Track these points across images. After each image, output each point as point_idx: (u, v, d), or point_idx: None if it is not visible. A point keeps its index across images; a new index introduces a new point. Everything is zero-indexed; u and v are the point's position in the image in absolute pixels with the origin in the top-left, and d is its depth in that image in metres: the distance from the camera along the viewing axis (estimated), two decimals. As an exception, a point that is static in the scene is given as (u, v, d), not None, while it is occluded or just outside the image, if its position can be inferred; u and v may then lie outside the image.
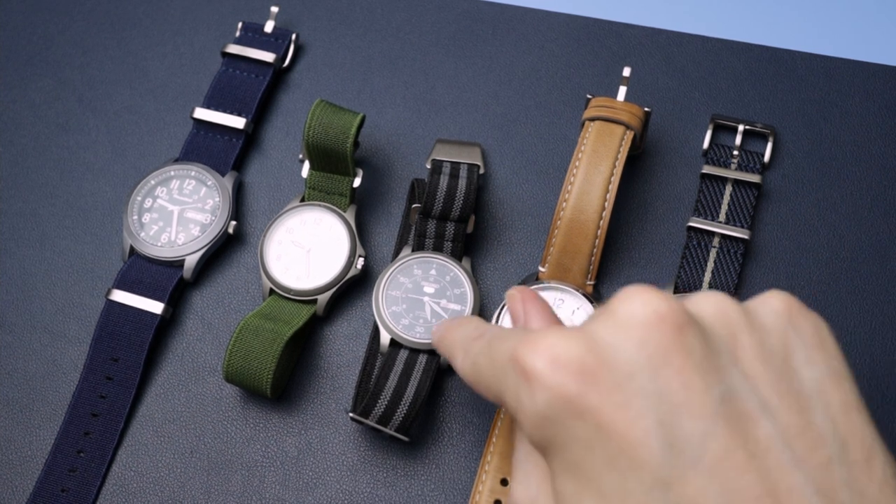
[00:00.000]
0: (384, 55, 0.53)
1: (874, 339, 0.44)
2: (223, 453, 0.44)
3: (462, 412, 0.44)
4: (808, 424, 0.26)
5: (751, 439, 0.25)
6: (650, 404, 0.25)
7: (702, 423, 0.25)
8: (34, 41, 0.55)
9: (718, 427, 0.25)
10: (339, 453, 0.44)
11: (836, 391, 0.27)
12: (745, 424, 0.26)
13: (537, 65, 0.52)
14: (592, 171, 0.43)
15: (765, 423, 0.26)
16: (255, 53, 0.51)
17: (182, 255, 0.47)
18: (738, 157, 0.48)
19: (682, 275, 0.45)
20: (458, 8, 0.54)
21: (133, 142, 0.52)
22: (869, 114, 0.49)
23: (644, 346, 0.26)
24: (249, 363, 0.43)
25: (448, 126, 0.51)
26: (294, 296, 0.45)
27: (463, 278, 0.45)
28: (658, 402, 0.26)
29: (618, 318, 0.27)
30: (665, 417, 0.25)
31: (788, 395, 0.27)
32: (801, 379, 0.27)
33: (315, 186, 0.47)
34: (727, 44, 0.51)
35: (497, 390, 0.30)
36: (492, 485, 0.41)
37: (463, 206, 0.45)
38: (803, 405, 0.27)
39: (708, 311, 0.28)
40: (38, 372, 0.46)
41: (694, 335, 0.27)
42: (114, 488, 0.44)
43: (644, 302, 0.27)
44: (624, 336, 0.27)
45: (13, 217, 0.50)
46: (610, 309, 0.28)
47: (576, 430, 0.26)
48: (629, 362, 0.26)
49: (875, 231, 0.46)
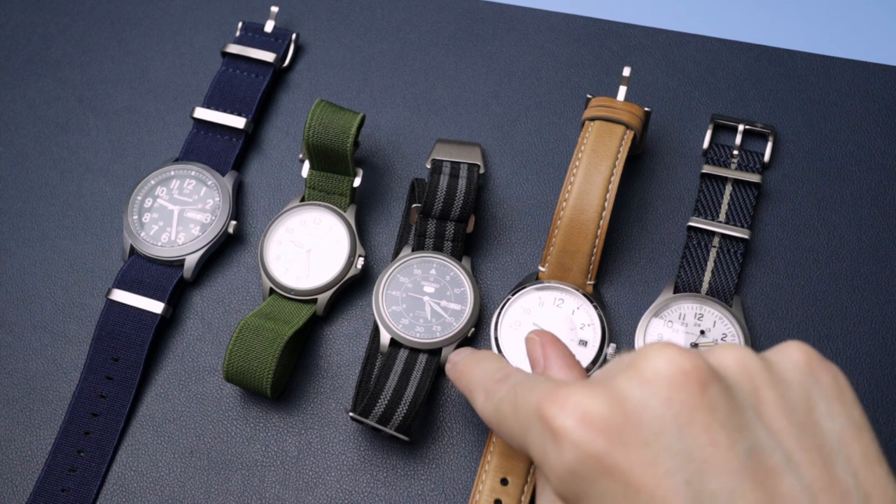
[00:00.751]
0: (384, 55, 0.53)
1: (874, 339, 0.44)
2: (223, 453, 0.44)
3: (462, 412, 0.44)
4: (831, 478, 0.27)
5: (777, 495, 0.26)
6: (678, 462, 0.26)
7: (729, 481, 0.26)
8: (34, 41, 0.55)
9: (745, 483, 0.26)
10: (339, 453, 0.44)
11: (857, 443, 0.28)
12: (770, 480, 0.26)
13: (537, 65, 0.52)
14: (592, 171, 0.43)
15: (790, 478, 0.26)
16: (256, 53, 0.51)
17: (182, 255, 0.47)
18: (738, 156, 0.48)
19: (682, 275, 0.45)
20: (458, 8, 0.54)
21: (133, 142, 0.52)
22: (869, 113, 0.49)
23: (670, 403, 0.27)
24: (249, 363, 0.43)
25: (448, 126, 0.51)
26: (294, 295, 0.45)
27: (463, 278, 0.45)
28: (685, 459, 0.26)
29: (643, 375, 0.28)
30: (693, 476, 0.26)
31: (812, 449, 0.27)
32: (822, 432, 0.28)
33: (315, 186, 0.47)
34: (727, 43, 0.51)
35: (522, 440, 0.30)
36: (492, 484, 0.41)
37: (463, 206, 0.45)
38: (826, 459, 0.27)
39: (730, 365, 0.29)
40: (39, 372, 0.46)
41: (718, 391, 0.27)
42: (114, 488, 0.44)
43: (668, 359, 0.28)
44: (650, 393, 0.27)
45: (13, 217, 0.50)
46: (635, 365, 0.28)
47: (604, 487, 0.27)
48: (656, 420, 0.27)
49: (875, 231, 0.46)
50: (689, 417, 0.27)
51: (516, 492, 0.41)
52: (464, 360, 0.37)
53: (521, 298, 0.44)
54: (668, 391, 0.27)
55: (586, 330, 0.43)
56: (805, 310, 0.45)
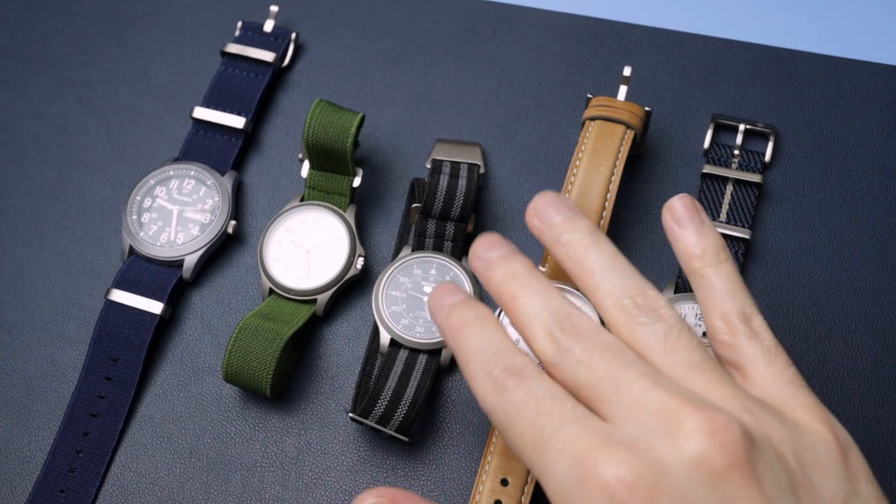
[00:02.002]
0: (384, 55, 0.53)
1: (875, 340, 0.44)
2: (222, 453, 0.44)
3: (462, 412, 0.44)
4: None
5: None
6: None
7: None
8: (33, 40, 0.55)
9: None
10: (339, 453, 0.44)
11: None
12: None
13: (537, 64, 0.52)
14: (593, 171, 0.43)
15: None
16: (255, 53, 0.51)
17: (181, 255, 0.47)
18: (738, 156, 0.48)
19: (682, 275, 0.45)
20: (458, 7, 0.54)
21: (132, 141, 0.52)
22: (870, 113, 0.49)
23: (713, 492, 0.27)
24: (249, 363, 0.43)
25: (448, 126, 0.51)
26: (294, 296, 0.45)
27: (463, 278, 0.45)
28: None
29: (683, 453, 0.28)
30: None
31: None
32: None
33: (315, 186, 0.47)
34: (728, 43, 0.51)
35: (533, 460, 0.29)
36: (492, 485, 0.41)
37: (463, 206, 0.45)
38: None
39: (775, 437, 0.29)
40: (38, 372, 0.46)
41: (765, 468, 0.28)
42: (113, 488, 0.44)
43: (708, 435, 0.28)
44: (694, 478, 0.27)
45: (12, 217, 0.50)
46: (672, 436, 0.28)
47: None
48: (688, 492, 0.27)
49: (876, 230, 0.46)
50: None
51: (516, 492, 0.41)
52: (462, 319, 0.33)
53: (521, 299, 0.44)
54: (711, 480, 0.27)
55: (587, 330, 0.43)
56: (805, 310, 0.45)
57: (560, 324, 0.31)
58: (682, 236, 0.35)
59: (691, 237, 0.35)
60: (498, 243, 0.34)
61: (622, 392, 0.29)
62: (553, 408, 0.29)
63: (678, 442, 0.28)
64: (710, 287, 0.34)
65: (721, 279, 0.34)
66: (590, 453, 0.28)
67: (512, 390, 0.30)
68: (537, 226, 0.35)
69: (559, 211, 0.35)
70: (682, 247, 0.35)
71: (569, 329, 0.31)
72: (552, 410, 0.29)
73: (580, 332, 0.31)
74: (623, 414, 0.29)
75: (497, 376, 0.31)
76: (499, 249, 0.34)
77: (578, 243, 0.34)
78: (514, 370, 0.30)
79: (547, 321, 0.31)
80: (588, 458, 0.27)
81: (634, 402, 0.29)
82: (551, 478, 0.28)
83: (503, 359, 0.31)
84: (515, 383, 0.30)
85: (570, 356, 0.30)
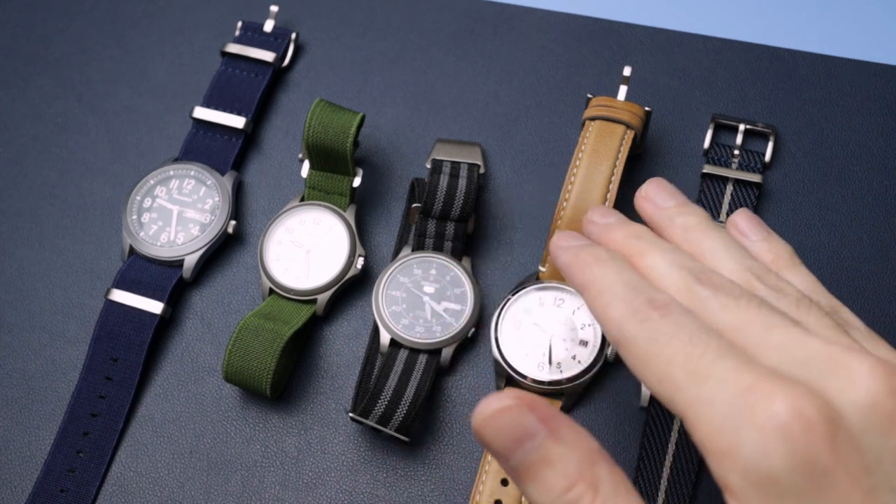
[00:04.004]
0: (384, 55, 0.53)
1: (875, 339, 0.44)
2: (223, 453, 0.44)
3: (462, 412, 0.44)
4: None
5: None
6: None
7: None
8: (33, 40, 0.55)
9: None
10: (339, 453, 0.44)
11: None
12: None
13: (537, 64, 0.52)
14: (593, 171, 0.43)
15: None
16: (255, 53, 0.51)
17: (181, 255, 0.47)
18: (738, 156, 0.48)
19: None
20: (458, 7, 0.54)
21: (132, 141, 0.52)
22: (870, 113, 0.49)
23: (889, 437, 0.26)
24: (249, 363, 0.43)
25: (448, 126, 0.51)
26: (294, 296, 0.45)
27: (463, 278, 0.45)
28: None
29: (858, 393, 0.26)
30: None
31: None
32: None
33: (315, 186, 0.47)
34: (728, 43, 0.51)
35: (682, 387, 0.27)
36: (492, 485, 0.41)
37: (463, 206, 0.45)
38: None
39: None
40: (38, 372, 0.46)
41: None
42: (113, 488, 0.44)
43: (885, 377, 0.26)
44: (868, 421, 0.26)
45: (12, 217, 0.50)
46: (844, 375, 0.27)
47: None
48: (874, 449, 0.26)
49: (876, 231, 0.46)
50: None
51: (517, 492, 0.41)
52: (594, 255, 0.31)
53: (521, 298, 0.44)
54: (886, 424, 0.26)
55: (587, 330, 0.43)
56: (806, 310, 0.45)
57: (696, 277, 0.30)
58: (750, 246, 0.35)
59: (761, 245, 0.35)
60: (608, 212, 0.35)
61: (775, 334, 0.28)
62: (709, 340, 0.27)
63: (850, 384, 0.26)
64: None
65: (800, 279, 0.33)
66: (759, 384, 0.26)
67: (659, 321, 0.28)
68: (649, 209, 0.35)
69: (673, 196, 0.35)
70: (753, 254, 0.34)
71: (706, 281, 0.30)
72: (708, 342, 0.27)
73: (718, 284, 0.30)
74: (778, 355, 0.27)
75: (639, 307, 0.29)
76: (615, 215, 0.35)
77: (696, 226, 0.34)
78: (658, 303, 0.29)
79: (683, 273, 0.30)
80: (758, 388, 0.26)
81: (790, 344, 0.27)
82: (707, 406, 0.26)
83: (644, 292, 0.29)
84: (661, 315, 0.28)
85: (714, 302, 0.29)
